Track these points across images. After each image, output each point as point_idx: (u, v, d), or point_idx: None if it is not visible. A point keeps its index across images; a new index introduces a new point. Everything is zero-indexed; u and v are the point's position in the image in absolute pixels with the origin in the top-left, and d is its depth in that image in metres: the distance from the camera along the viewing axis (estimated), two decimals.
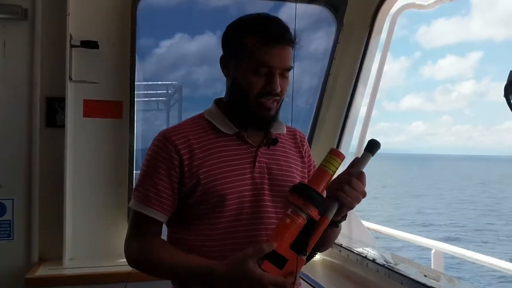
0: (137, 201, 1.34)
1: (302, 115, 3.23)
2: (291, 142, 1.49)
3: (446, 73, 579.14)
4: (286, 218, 1.14)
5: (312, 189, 1.15)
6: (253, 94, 1.31)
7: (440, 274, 1.91)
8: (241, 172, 1.33)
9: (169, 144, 1.32)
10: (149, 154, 1.36)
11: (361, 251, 2.36)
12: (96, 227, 2.70)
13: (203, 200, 1.30)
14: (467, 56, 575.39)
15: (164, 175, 1.31)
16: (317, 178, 1.18)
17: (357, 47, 2.90)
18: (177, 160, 1.31)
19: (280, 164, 1.40)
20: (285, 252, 1.13)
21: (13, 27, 2.59)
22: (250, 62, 1.30)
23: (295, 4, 2.75)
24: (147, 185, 1.33)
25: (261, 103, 1.31)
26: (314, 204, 1.13)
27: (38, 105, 2.62)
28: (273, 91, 1.30)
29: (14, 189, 2.60)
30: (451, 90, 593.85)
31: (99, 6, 2.67)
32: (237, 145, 1.36)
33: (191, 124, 1.39)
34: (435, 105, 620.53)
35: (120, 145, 2.74)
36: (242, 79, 1.32)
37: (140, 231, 1.35)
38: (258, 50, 1.28)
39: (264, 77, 1.29)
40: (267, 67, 1.29)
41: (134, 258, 1.36)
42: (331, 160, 1.19)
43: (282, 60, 1.30)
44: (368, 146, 1.24)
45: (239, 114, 1.36)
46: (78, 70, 2.63)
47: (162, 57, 3.20)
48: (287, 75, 1.34)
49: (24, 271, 2.47)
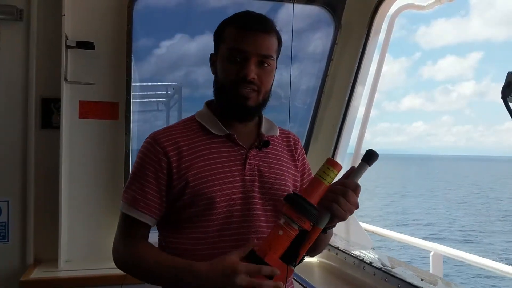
0: (125, 203, 1.33)
1: (300, 115, 3.21)
2: (284, 145, 1.47)
3: (446, 74, 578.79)
4: (278, 229, 1.13)
5: (306, 201, 1.13)
6: (228, 82, 1.30)
7: (437, 278, 1.89)
8: (231, 175, 1.31)
9: (157, 146, 1.31)
10: (139, 156, 1.35)
11: (358, 254, 2.34)
12: (91, 229, 2.68)
13: (192, 202, 1.29)
14: (467, 57, 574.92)
15: (152, 177, 1.30)
16: (312, 188, 1.16)
17: (355, 48, 2.89)
18: (165, 162, 1.30)
19: (272, 166, 1.38)
20: (275, 263, 1.12)
21: (8, 27, 2.57)
22: (226, 50, 1.30)
23: (292, 5, 2.74)
24: (135, 188, 1.32)
25: (238, 92, 1.29)
26: (307, 217, 1.12)
27: (33, 106, 2.61)
28: (246, 76, 1.27)
29: (9, 191, 2.59)
30: (450, 90, 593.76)
31: (94, 7, 2.65)
32: (227, 147, 1.34)
33: (182, 126, 1.38)
34: (435, 105, 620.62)
35: (116, 146, 2.73)
36: (220, 69, 1.33)
37: (127, 233, 1.34)
38: (233, 37, 1.29)
39: (239, 65, 1.28)
40: (241, 52, 1.28)
41: (122, 261, 1.34)
42: (327, 171, 1.16)
43: (257, 45, 1.28)
44: (366, 157, 1.21)
45: (223, 108, 1.35)
46: (74, 71, 2.61)
47: (160, 58, 3.19)
48: (268, 64, 1.31)
49: (19, 273, 2.45)
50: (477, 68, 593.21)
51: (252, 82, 1.29)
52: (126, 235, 1.34)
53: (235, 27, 1.31)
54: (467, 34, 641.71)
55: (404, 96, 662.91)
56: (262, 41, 1.29)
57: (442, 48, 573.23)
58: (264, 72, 1.31)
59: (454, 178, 56.19)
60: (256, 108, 1.34)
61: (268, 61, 1.31)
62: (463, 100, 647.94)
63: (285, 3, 2.87)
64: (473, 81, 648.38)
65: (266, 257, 1.11)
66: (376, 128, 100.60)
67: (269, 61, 1.31)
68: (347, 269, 2.42)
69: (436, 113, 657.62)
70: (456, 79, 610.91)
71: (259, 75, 1.29)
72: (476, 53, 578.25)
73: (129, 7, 2.65)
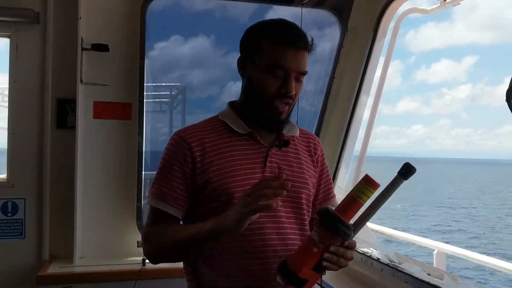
0: (153, 197, 1.37)
1: (307, 118, 3.27)
2: (304, 145, 1.52)
3: (439, 77, 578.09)
4: (313, 246, 1.17)
5: (342, 222, 1.15)
6: (267, 95, 1.34)
7: (443, 272, 1.96)
8: (252, 171, 1.36)
9: (182, 142, 1.37)
10: (165, 153, 1.40)
11: (365, 251, 2.40)
12: (105, 226, 2.75)
13: (213, 198, 1.34)
14: (461, 61, 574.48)
15: (178, 171, 1.36)
16: (348, 207, 1.17)
17: (361, 51, 2.94)
18: (189, 157, 1.35)
19: (292, 165, 1.43)
20: (307, 276, 1.17)
21: (26, 30, 2.65)
22: (266, 63, 1.33)
23: (301, 9, 2.81)
24: (162, 182, 1.37)
25: (274, 105, 1.34)
26: (342, 237, 1.16)
27: (49, 106, 2.68)
28: (288, 93, 1.32)
29: (26, 189, 2.67)
30: (444, 93, 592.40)
31: (109, 10, 2.73)
32: (249, 145, 1.40)
33: (205, 124, 1.44)
34: (430, 109, 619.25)
35: (129, 146, 2.79)
36: (257, 80, 1.36)
37: (156, 224, 1.38)
38: (274, 52, 1.32)
39: (280, 79, 1.33)
40: (283, 69, 1.32)
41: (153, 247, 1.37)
42: (364, 190, 1.15)
43: (297, 63, 1.33)
44: (403, 170, 1.18)
45: (252, 114, 1.40)
46: (89, 72, 2.68)
47: (169, 59, 3.25)
48: (302, 79, 1.37)
49: (35, 269, 2.53)
50: (471, 72, 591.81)
51: (291, 98, 1.35)
52: (155, 226, 1.38)
53: (275, 40, 1.33)
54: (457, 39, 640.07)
55: (400, 99, 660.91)
56: (302, 58, 1.34)
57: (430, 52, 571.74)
58: (299, 86, 1.37)
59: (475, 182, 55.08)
60: (286, 119, 1.40)
61: (303, 77, 1.37)
62: (457, 104, 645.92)
63: (293, 7, 2.94)
64: (469, 84, 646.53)
65: (300, 272, 1.16)
66: (376, 131, 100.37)
67: (304, 77, 1.37)
68: (355, 265, 2.47)
69: (432, 116, 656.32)
70: (451, 83, 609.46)
71: (295, 89, 1.35)
72: (470, 57, 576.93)
73: (142, 11, 2.72)
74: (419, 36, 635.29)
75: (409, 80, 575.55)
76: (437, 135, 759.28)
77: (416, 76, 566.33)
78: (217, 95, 3.43)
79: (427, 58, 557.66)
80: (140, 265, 2.54)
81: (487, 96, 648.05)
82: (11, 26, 2.64)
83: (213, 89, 3.46)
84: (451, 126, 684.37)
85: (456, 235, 22.47)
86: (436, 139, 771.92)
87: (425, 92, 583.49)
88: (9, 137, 2.67)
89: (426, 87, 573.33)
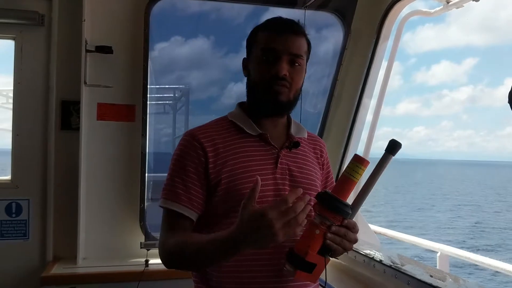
0: (166, 198, 1.34)
1: (310, 120, 3.28)
2: (311, 148, 1.52)
3: (438, 79, 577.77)
4: (315, 228, 1.19)
5: (339, 200, 1.20)
6: (263, 80, 1.35)
7: (446, 274, 1.96)
8: (263, 173, 1.35)
9: (195, 142, 1.36)
10: (176, 153, 1.38)
11: (368, 253, 2.41)
12: (109, 228, 2.76)
13: (226, 198, 1.32)
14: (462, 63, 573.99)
15: (192, 172, 1.34)
16: (343, 187, 1.21)
17: (364, 53, 2.95)
18: (203, 157, 1.34)
19: (301, 167, 1.43)
20: (314, 259, 1.19)
21: (30, 32, 2.67)
22: (258, 51, 1.37)
23: (304, 11, 2.82)
24: (176, 183, 1.34)
25: (270, 88, 1.34)
26: (342, 214, 1.20)
27: (53, 108, 2.70)
28: (278, 73, 1.32)
29: (30, 190, 2.68)
30: (444, 95, 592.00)
31: (113, 13, 2.75)
32: (260, 146, 1.39)
33: (215, 125, 1.43)
34: (430, 110, 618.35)
35: (133, 147, 2.80)
36: (253, 70, 1.39)
37: (171, 227, 1.34)
38: (264, 39, 1.36)
39: (271, 63, 1.34)
40: (273, 51, 1.34)
41: (168, 253, 1.32)
42: (355, 168, 1.20)
43: (287, 44, 1.34)
44: (389, 147, 1.24)
45: (257, 106, 1.40)
46: (93, 74, 2.70)
47: (173, 61, 3.26)
48: (299, 63, 1.36)
49: (39, 269, 2.54)
50: (471, 73, 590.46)
51: (284, 79, 1.33)
52: (170, 229, 1.34)
53: (267, 31, 1.38)
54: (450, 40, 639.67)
55: (400, 101, 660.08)
56: (292, 41, 1.35)
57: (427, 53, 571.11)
58: (294, 70, 1.36)
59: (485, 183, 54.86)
60: (287, 104, 1.38)
61: (299, 60, 1.36)
62: (457, 105, 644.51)
63: (297, 10, 2.95)
64: (470, 85, 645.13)
65: (307, 256, 1.18)
66: (378, 133, 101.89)
67: (299, 60, 1.36)
68: (357, 267, 2.48)
69: (433, 117, 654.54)
70: (450, 85, 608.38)
71: (290, 73, 1.34)
72: (470, 59, 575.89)
73: (146, 13, 2.74)
74: (416, 38, 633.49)
75: (409, 81, 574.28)
76: (439, 136, 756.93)
77: (416, 78, 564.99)
78: (217, 96, 3.44)
79: (425, 60, 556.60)
80: (143, 266, 2.56)
81: (487, 98, 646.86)
82: (16, 28, 2.66)
83: (213, 90, 3.47)
84: (453, 127, 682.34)
85: None
86: (438, 141, 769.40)
87: (425, 94, 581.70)
88: (14, 139, 2.69)
89: (426, 89, 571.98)
